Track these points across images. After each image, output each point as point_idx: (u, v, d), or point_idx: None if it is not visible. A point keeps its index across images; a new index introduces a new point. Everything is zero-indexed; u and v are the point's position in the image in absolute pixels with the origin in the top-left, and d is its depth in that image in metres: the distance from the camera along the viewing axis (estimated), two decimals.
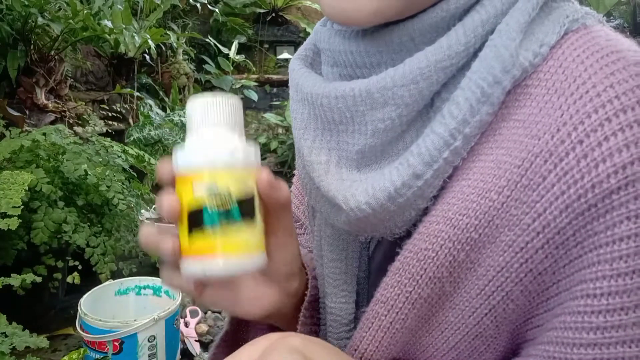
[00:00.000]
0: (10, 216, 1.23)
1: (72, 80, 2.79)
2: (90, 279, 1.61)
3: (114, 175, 1.58)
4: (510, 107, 0.35)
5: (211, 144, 0.33)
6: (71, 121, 2.34)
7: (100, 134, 2.21)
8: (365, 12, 0.35)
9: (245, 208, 0.33)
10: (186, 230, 0.34)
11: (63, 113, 2.32)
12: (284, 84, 4.60)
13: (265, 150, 4.15)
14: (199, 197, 0.33)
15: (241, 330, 0.52)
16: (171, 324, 1.40)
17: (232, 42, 4.29)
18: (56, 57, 2.33)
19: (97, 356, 1.33)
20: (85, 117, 2.49)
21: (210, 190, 0.32)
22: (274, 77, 4.63)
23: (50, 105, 2.28)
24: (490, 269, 0.35)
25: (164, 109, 3.30)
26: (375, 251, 0.45)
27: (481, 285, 0.35)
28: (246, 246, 0.33)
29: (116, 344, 1.32)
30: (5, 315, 1.13)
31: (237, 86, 4.22)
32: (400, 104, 0.36)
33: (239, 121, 0.35)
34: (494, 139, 0.35)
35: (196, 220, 0.33)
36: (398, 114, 0.36)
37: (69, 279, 1.59)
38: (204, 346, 1.62)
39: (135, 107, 3.05)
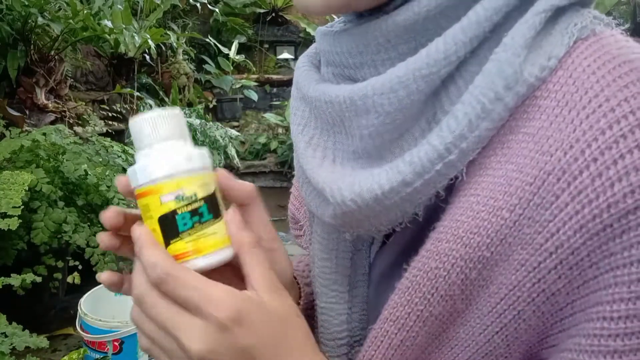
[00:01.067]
0: (10, 216, 1.23)
1: (72, 80, 2.79)
2: (90, 279, 1.61)
3: (114, 175, 1.58)
4: (519, 119, 0.34)
5: (168, 155, 0.35)
6: (71, 121, 2.34)
7: (100, 134, 2.21)
8: (318, 2, 0.36)
9: (211, 206, 0.35)
10: (161, 238, 0.35)
11: (63, 113, 2.32)
12: (284, 84, 4.60)
13: (265, 150, 4.14)
14: (168, 206, 0.35)
15: None
16: None
17: (232, 42, 4.30)
18: (56, 57, 2.33)
19: (97, 356, 1.33)
20: (85, 117, 2.49)
21: (179, 197, 0.34)
22: (274, 77, 4.63)
23: (50, 105, 2.28)
24: (502, 287, 0.34)
25: None
26: (377, 259, 0.45)
27: (493, 303, 0.35)
28: (221, 240, 0.36)
29: (116, 344, 1.32)
30: (5, 315, 1.13)
31: (237, 86, 4.22)
32: (381, 112, 0.35)
33: (185, 130, 0.37)
34: (502, 153, 0.34)
35: (169, 228, 0.35)
36: (381, 122, 0.36)
37: (69, 279, 1.59)
38: None
39: (135, 107, 3.05)
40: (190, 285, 0.33)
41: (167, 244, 0.35)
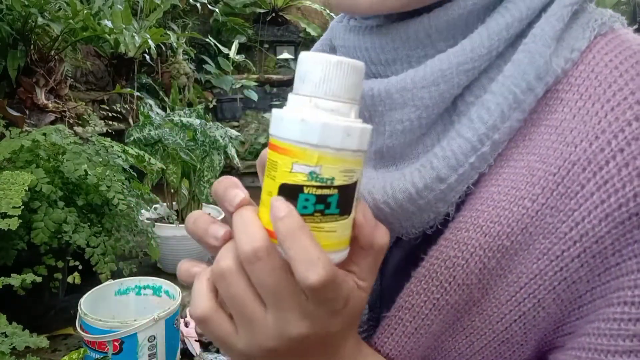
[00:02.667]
0: (10, 216, 1.23)
1: (72, 80, 2.79)
2: (90, 279, 1.61)
3: (114, 175, 1.58)
4: (540, 112, 0.34)
5: (324, 118, 0.28)
6: (71, 121, 2.34)
7: (100, 134, 2.21)
8: (366, 1, 0.35)
9: (344, 199, 0.29)
10: (268, 207, 0.29)
11: (63, 113, 2.32)
12: (284, 84, 4.60)
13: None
14: (297, 178, 0.28)
15: None
16: (171, 324, 1.40)
17: (232, 42, 4.29)
18: (56, 57, 2.33)
19: (97, 356, 1.33)
20: (85, 117, 2.49)
21: (313, 174, 0.28)
22: (274, 77, 4.62)
23: (50, 105, 2.28)
24: (522, 275, 0.34)
25: (164, 109, 3.30)
26: (390, 253, 0.44)
27: (512, 292, 0.35)
28: (337, 242, 0.30)
29: (116, 344, 1.32)
30: (5, 315, 1.13)
31: (237, 86, 4.22)
32: (419, 106, 0.35)
33: (359, 92, 0.30)
34: (523, 144, 0.34)
35: (287, 201, 0.29)
36: (417, 116, 0.35)
37: (69, 279, 1.59)
38: (204, 346, 1.62)
39: (135, 107, 3.05)
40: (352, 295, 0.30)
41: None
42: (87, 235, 1.49)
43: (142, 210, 1.91)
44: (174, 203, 2.43)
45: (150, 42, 2.81)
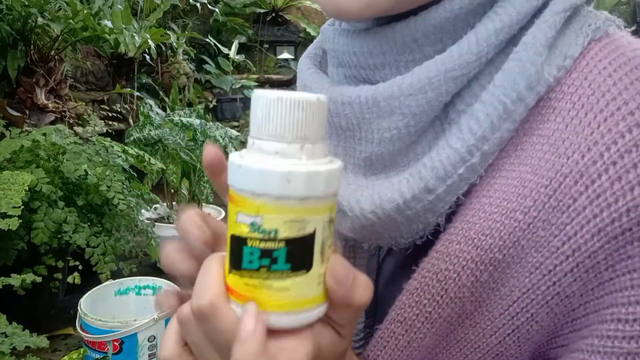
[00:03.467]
0: (10, 216, 1.23)
1: (72, 80, 2.79)
2: (90, 279, 1.61)
3: (114, 175, 1.58)
4: (532, 121, 0.33)
5: (261, 165, 0.25)
6: (71, 121, 2.34)
7: (100, 134, 2.21)
8: (357, 5, 0.34)
9: (296, 253, 0.25)
10: (228, 256, 0.27)
11: (63, 113, 2.32)
12: (284, 84, 4.60)
13: None
14: (240, 229, 0.26)
15: None
16: None
17: (232, 42, 4.29)
18: (56, 57, 2.33)
19: (97, 356, 1.33)
20: (85, 117, 2.49)
21: (254, 225, 0.25)
22: (274, 77, 4.62)
23: (50, 105, 2.28)
24: (515, 289, 0.33)
25: (164, 109, 3.30)
26: (385, 261, 0.44)
27: (505, 306, 0.34)
28: (294, 302, 0.26)
29: (116, 344, 1.32)
30: (5, 315, 1.13)
31: (237, 86, 4.22)
32: (407, 114, 0.34)
33: (313, 131, 0.26)
34: (515, 154, 0.34)
35: (235, 253, 0.26)
36: (405, 124, 0.35)
37: (69, 279, 1.59)
38: None
39: (135, 107, 3.05)
40: (228, 330, 0.26)
41: (229, 269, 0.27)
42: (87, 235, 1.49)
43: (142, 210, 1.91)
44: (174, 203, 2.43)
45: (150, 42, 2.81)
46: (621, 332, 0.31)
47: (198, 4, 3.94)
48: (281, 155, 0.25)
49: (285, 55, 4.78)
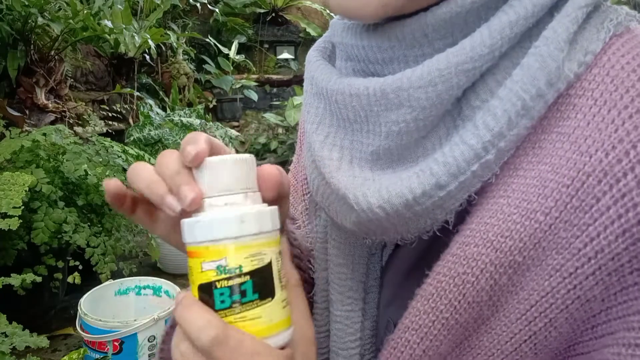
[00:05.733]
0: (10, 216, 1.23)
1: (72, 80, 2.79)
2: (91, 279, 1.62)
3: (114, 175, 1.58)
4: (551, 118, 0.32)
5: (216, 214, 0.30)
6: (71, 121, 2.34)
7: (100, 134, 2.21)
8: (372, 6, 0.33)
9: (260, 282, 0.29)
10: None
11: (63, 113, 2.32)
12: (284, 84, 4.60)
13: (265, 150, 4.14)
14: (207, 276, 0.29)
15: None
16: None
17: (232, 42, 4.30)
18: (56, 57, 2.33)
19: (97, 356, 1.33)
20: (85, 117, 2.49)
21: (220, 268, 0.29)
22: (274, 77, 4.63)
23: (50, 105, 2.28)
24: (533, 293, 0.32)
25: (164, 109, 3.30)
26: (390, 263, 0.43)
27: (522, 310, 0.33)
28: (268, 326, 0.30)
29: (116, 344, 1.32)
30: (5, 315, 1.13)
31: (237, 86, 4.22)
32: (416, 107, 0.33)
33: (251, 180, 0.32)
34: (533, 153, 0.33)
35: (205, 300, 0.30)
36: (413, 117, 0.33)
37: (69, 279, 1.59)
38: None
39: (135, 107, 3.05)
40: (251, 350, 0.28)
41: None
42: (87, 235, 1.49)
43: None
44: None
45: (150, 42, 2.81)
46: None
47: (198, 4, 3.95)
48: (230, 205, 0.30)
49: (285, 55, 4.78)
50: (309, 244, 0.47)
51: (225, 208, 0.30)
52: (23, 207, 1.26)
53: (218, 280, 0.29)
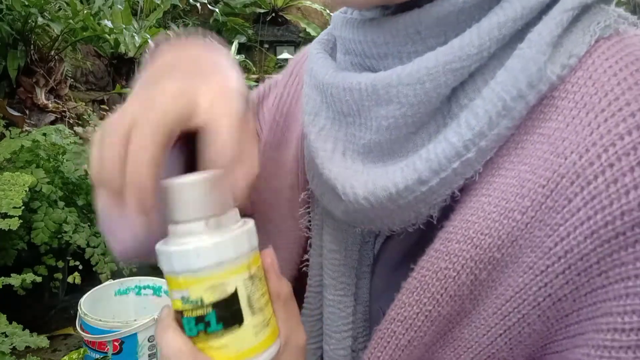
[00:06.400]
0: (10, 216, 1.23)
1: (72, 80, 2.79)
2: (91, 279, 1.62)
3: None
4: (534, 119, 0.33)
5: (172, 247, 0.29)
6: (71, 121, 2.34)
7: None
8: None
9: (224, 313, 0.29)
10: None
11: (63, 113, 2.32)
12: None
13: None
14: (176, 305, 0.30)
15: None
16: None
17: (232, 42, 4.30)
18: (56, 57, 2.33)
19: (97, 356, 1.33)
20: (85, 117, 2.49)
21: (184, 299, 0.29)
22: (274, 77, 4.63)
23: (50, 105, 2.28)
24: (509, 289, 0.33)
25: None
26: (381, 252, 0.44)
27: (498, 305, 0.34)
28: (235, 355, 0.30)
29: (116, 344, 1.32)
30: (5, 315, 1.13)
31: None
32: (404, 103, 0.34)
33: (210, 206, 0.29)
34: (515, 153, 0.33)
35: (180, 325, 0.30)
36: (402, 114, 0.35)
37: (69, 279, 1.59)
38: None
39: None
40: None
41: None
42: (87, 235, 1.49)
43: None
44: None
45: (150, 42, 2.81)
46: (618, 342, 0.30)
47: (198, 4, 3.95)
48: (190, 234, 0.29)
49: (285, 55, 4.78)
50: (309, 233, 0.48)
51: (185, 238, 0.29)
52: (23, 207, 1.26)
53: (184, 310, 0.29)
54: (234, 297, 0.29)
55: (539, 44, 0.32)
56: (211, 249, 0.29)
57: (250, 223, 0.31)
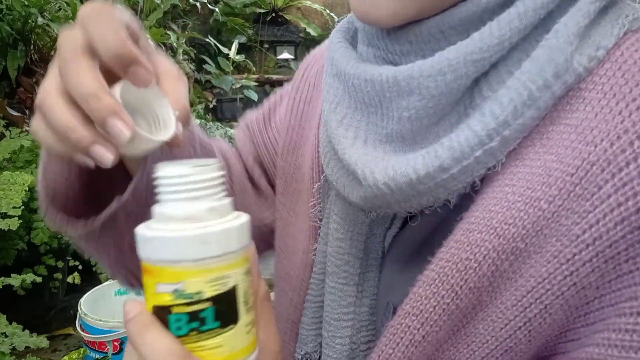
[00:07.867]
0: (10, 216, 1.23)
1: None
2: (91, 279, 1.62)
3: None
4: (560, 110, 0.33)
5: (175, 231, 0.26)
6: None
7: None
8: (385, 14, 0.35)
9: (222, 309, 0.26)
10: None
11: None
12: (284, 84, 4.60)
13: None
14: (163, 299, 0.26)
15: None
16: None
17: (232, 42, 4.30)
18: None
19: (97, 356, 1.33)
20: None
21: (177, 292, 0.26)
22: (274, 77, 4.63)
23: None
24: (530, 279, 0.33)
25: None
26: (393, 246, 0.44)
27: (518, 297, 0.34)
28: (229, 355, 0.27)
29: (116, 344, 1.32)
30: (5, 315, 1.13)
31: (237, 86, 4.22)
32: (425, 95, 0.34)
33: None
34: (541, 143, 0.33)
35: (164, 322, 0.27)
36: (423, 105, 0.35)
37: (69, 279, 1.59)
38: None
39: None
40: None
41: None
42: None
43: None
44: None
45: (150, 41, 2.81)
46: None
47: (198, 4, 3.95)
48: (192, 219, 0.26)
49: (285, 55, 4.78)
50: (319, 222, 0.49)
51: (185, 223, 0.26)
52: (23, 207, 1.26)
53: (174, 305, 0.26)
54: (233, 293, 0.27)
55: (566, 34, 0.32)
56: (219, 236, 0.26)
57: (246, 217, 0.29)
